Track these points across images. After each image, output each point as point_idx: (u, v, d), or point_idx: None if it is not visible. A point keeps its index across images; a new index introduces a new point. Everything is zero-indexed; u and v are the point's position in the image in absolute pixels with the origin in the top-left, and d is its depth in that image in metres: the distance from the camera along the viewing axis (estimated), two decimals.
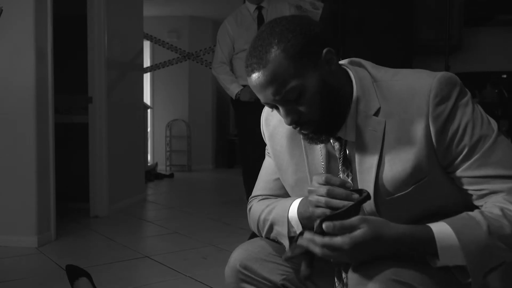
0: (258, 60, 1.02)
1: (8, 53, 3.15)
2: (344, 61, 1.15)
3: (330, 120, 1.06)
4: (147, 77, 7.43)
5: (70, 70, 4.24)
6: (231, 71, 3.54)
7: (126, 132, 4.68)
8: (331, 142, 1.13)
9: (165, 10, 7.27)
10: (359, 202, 0.99)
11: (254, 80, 1.04)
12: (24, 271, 2.75)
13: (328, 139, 1.11)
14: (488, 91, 4.17)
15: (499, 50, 4.54)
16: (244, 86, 3.44)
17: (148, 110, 7.22)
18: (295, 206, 1.15)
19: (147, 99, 7.42)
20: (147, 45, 7.27)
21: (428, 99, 1.01)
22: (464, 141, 1.01)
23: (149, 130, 7.60)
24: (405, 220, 1.01)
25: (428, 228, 0.97)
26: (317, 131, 1.07)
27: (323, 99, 1.04)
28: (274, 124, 1.25)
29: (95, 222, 3.97)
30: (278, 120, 1.22)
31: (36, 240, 3.15)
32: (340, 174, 1.13)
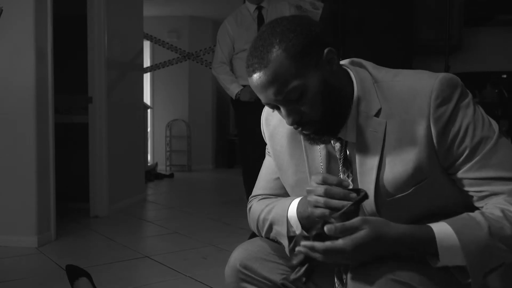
0: (259, 60, 1.01)
1: (8, 53, 3.16)
2: (345, 61, 1.15)
3: (332, 120, 1.06)
4: (147, 77, 7.43)
5: (70, 70, 4.24)
6: (231, 71, 3.55)
7: (126, 132, 4.68)
8: (332, 142, 1.13)
9: (165, 10, 7.27)
10: (357, 202, 0.99)
11: (255, 80, 1.03)
12: (24, 271, 2.75)
13: (330, 139, 1.11)
14: (488, 91, 4.17)
15: (499, 50, 4.54)
16: (244, 86, 3.44)
17: (148, 110, 7.22)
18: (294, 205, 1.15)
19: (147, 99, 7.42)
20: (147, 45, 7.27)
21: (429, 100, 1.01)
22: (465, 142, 1.01)
23: (149, 130, 7.60)
24: (405, 221, 1.01)
25: (429, 228, 0.97)
26: (318, 132, 1.07)
27: (325, 99, 1.04)
28: (274, 124, 1.25)
29: (95, 222, 3.97)
30: (278, 120, 1.22)
31: (36, 240, 3.15)
32: (340, 174, 1.13)
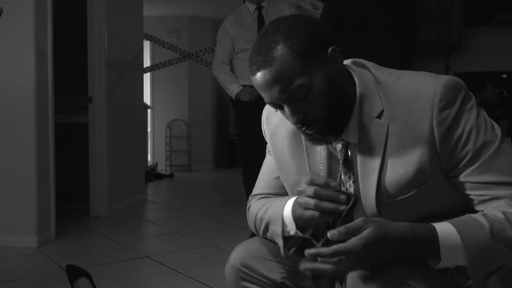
0: (263, 58, 1.00)
1: (8, 53, 3.16)
2: (346, 61, 1.14)
3: (336, 120, 1.05)
4: (147, 77, 7.43)
5: (70, 70, 4.24)
6: (231, 71, 3.55)
7: (126, 132, 4.68)
8: (333, 143, 1.12)
9: (165, 10, 7.27)
10: (351, 207, 0.99)
11: (259, 78, 1.02)
12: (24, 271, 2.75)
13: (333, 139, 1.10)
14: (488, 91, 4.17)
15: (499, 50, 4.54)
16: (244, 86, 3.44)
17: (148, 110, 7.22)
18: (289, 205, 1.14)
19: (147, 99, 7.42)
20: (147, 45, 7.27)
21: (433, 103, 1.00)
22: (468, 146, 1.00)
23: (149, 130, 7.60)
24: (404, 221, 1.01)
25: (431, 227, 0.96)
26: (322, 131, 1.06)
27: (329, 98, 1.03)
28: (275, 123, 1.24)
29: (95, 222, 3.97)
30: (279, 120, 1.21)
31: (36, 240, 3.15)
32: (341, 175, 1.13)
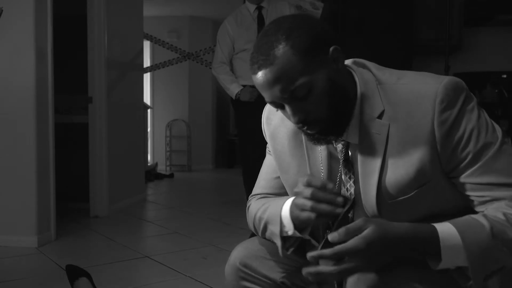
0: (265, 57, 0.99)
1: (8, 53, 3.16)
2: (347, 61, 1.14)
3: (337, 120, 1.05)
4: (147, 77, 7.43)
5: (70, 70, 4.24)
6: (231, 71, 3.55)
7: (126, 132, 4.68)
8: (333, 143, 1.12)
9: (165, 10, 7.27)
10: (348, 210, 0.98)
11: (260, 77, 1.01)
12: (24, 271, 2.75)
13: (335, 139, 1.09)
14: (488, 91, 4.17)
15: (499, 50, 4.53)
16: (244, 86, 3.44)
17: (148, 110, 7.22)
18: (287, 205, 1.14)
19: (147, 99, 7.42)
20: (147, 45, 7.27)
21: (434, 104, 1.00)
22: (469, 147, 1.00)
23: (149, 130, 7.60)
24: (404, 222, 1.00)
25: (432, 227, 0.96)
26: (323, 131, 1.05)
27: (331, 98, 1.02)
28: (275, 123, 1.23)
29: (95, 222, 3.97)
30: (280, 120, 1.21)
31: (36, 240, 3.15)
32: (342, 175, 1.12)
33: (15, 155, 3.17)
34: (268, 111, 1.26)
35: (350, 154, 1.11)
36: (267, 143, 1.29)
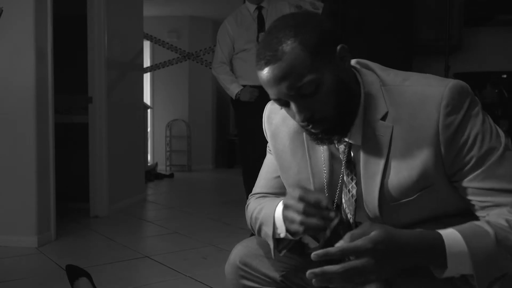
0: (273, 53, 0.97)
1: (8, 53, 3.16)
2: (351, 61, 1.13)
3: (342, 119, 1.04)
4: (147, 77, 7.43)
5: (70, 70, 4.24)
6: (231, 71, 3.55)
7: (126, 132, 4.68)
8: (336, 144, 1.11)
9: (165, 10, 7.27)
10: (335, 229, 0.97)
11: (267, 73, 0.99)
12: (24, 271, 2.75)
13: (339, 139, 1.08)
14: (488, 91, 4.17)
15: (499, 50, 4.54)
16: (244, 86, 3.44)
17: (148, 110, 7.21)
18: (280, 207, 1.13)
19: (147, 99, 7.42)
20: (147, 45, 7.26)
21: (439, 108, 1.00)
22: (473, 152, 1.00)
23: (149, 130, 7.60)
24: (406, 225, 1.01)
25: (438, 234, 0.94)
26: (328, 131, 1.04)
27: (338, 96, 1.01)
28: (276, 122, 1.23)
29: (95, 222, 3.97)
30: (281, 119, 1.20)
31: (36, 240, 3.15)
32: (344, 176, 1.12)
33: (15, 155, 3.17)
34: (269, 110, 1.26)
35: (352, 155, 1.10)
36: (267, 142, 1.28)
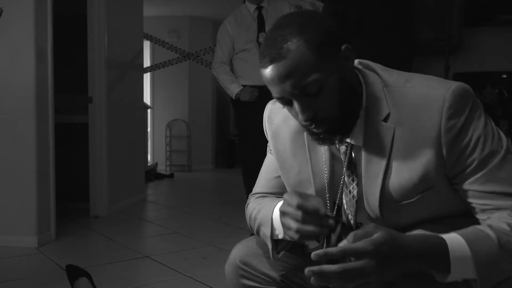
0: (277, 51, 0.96)
1: (8, 53, 3.16)
2: None
3: (345, 119, 1.03)
4: (147, 77, 7.43)
5: (70, 70, 4.24)
6: (231, 71, 3.55)
7: (126, 132, 4.68)
8: (337, 144, 1.10)
9: (165, 10, 7.27)
10: (338, 232, 0.98)
11: (271, 71, 0.98)
12: (24, 271, 2.75)
13: (342, 139, 1.07)
14: (488, 91, 4.17)
15: (499, 50, 4.54)
16: (244, 86, 3.44)
17: (148, 110, 7.22)
18: (278, 209, 1.12)
19: (147, 99, 7.42)
20: (147, 45, 7.26)
21: (442, 110, 0.99)
22: (474, 154, 0.99)
23: (149, 130, 7.60)
24: (407, 225, 1.01)
25: (441, 238, 0.93)
26: (331, 131, 1.04)
27: (342, 96, 1.01)
28: (277, 122, 1.22)
29: (95, 222, 3.97)
30: (282, 119, 1.20)
31: (36, 240, 3.15)
32: (345, 177, 1.12)
33: (15, 155, 3.17)
34: (270, 110, 1.25)
35: (353, 155, 1.10)
36: (267, 142, 1.28)
